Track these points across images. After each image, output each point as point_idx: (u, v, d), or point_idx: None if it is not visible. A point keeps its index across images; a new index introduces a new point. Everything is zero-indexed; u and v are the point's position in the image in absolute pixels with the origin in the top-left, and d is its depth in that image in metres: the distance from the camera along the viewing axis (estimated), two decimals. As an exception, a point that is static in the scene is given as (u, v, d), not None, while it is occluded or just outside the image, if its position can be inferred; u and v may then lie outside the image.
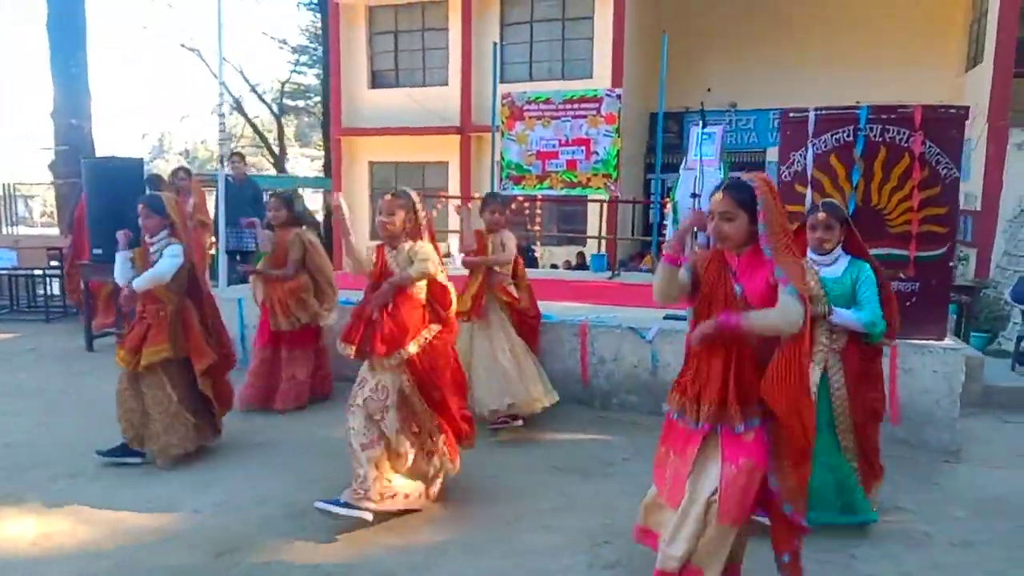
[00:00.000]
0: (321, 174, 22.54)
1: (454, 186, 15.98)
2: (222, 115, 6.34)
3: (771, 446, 2.61)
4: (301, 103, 29.14)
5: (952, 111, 4.75)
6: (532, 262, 13.86)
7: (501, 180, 8.79)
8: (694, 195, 7.51)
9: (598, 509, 3.77)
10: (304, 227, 5.40)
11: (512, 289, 5.16)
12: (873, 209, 4.85)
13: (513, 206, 13.23)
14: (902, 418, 4.78)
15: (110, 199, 6.83)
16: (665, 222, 8.33)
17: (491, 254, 5.06)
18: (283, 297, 5.21)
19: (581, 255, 14.95)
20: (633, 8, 15.18)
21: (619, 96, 8.28)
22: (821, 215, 3.58)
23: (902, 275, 4.84)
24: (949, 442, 4.73)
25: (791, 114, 5.09)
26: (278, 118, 25.12)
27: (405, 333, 3.62)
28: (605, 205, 12.18)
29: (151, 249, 4.19)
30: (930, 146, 4.71)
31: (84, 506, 3.76)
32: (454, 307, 3.87)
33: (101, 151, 15.71)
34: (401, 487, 3.63)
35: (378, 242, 3.84)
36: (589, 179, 8.34)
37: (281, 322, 5.22)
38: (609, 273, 9.14)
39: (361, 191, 16.84)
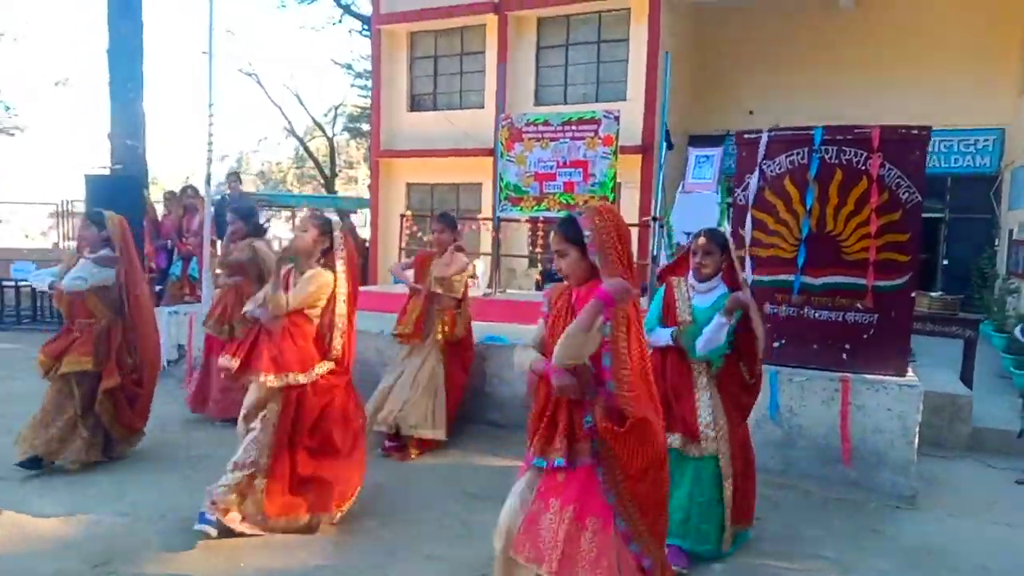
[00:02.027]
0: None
1: (487, 207, 16.00)
2: (211, 136, 6.53)
3: (610, 490, 2.46)
4: (366, 126, 29.80)
5: (914, 132, 4.47)
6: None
7: (500, 201, 8.74)
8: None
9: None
10: (261, 238, 5.49)
11: (456, 317, 5.14)
12: (828, 235, 4.62)
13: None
14: (853, 459, 4.48)
15: (107, 215, 7.12)
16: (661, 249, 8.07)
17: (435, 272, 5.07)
18: (232, 304, 5.31)
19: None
20: (669, 29, 14.98)
21: (617, 118, 8.12)
22: (701, 240, 3.52)
23: (859, 305, 4.57)
24: (903, 487, 4.38)
25: (745, 135, 4.90)
26: (330, 140, 25.86)
27: (295, 359, 3.61)
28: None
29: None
30: (890, 168, 4.46)
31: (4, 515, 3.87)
32: (338, 352, 3.77)
33: (180, 173, 16.41)
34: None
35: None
36: (586, 201, 8.19)
37: (220, 330, 5.34)
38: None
39: (398, 212, 17.05)
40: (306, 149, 26.37)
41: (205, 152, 6.59)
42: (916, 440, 4.40)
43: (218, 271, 5.50)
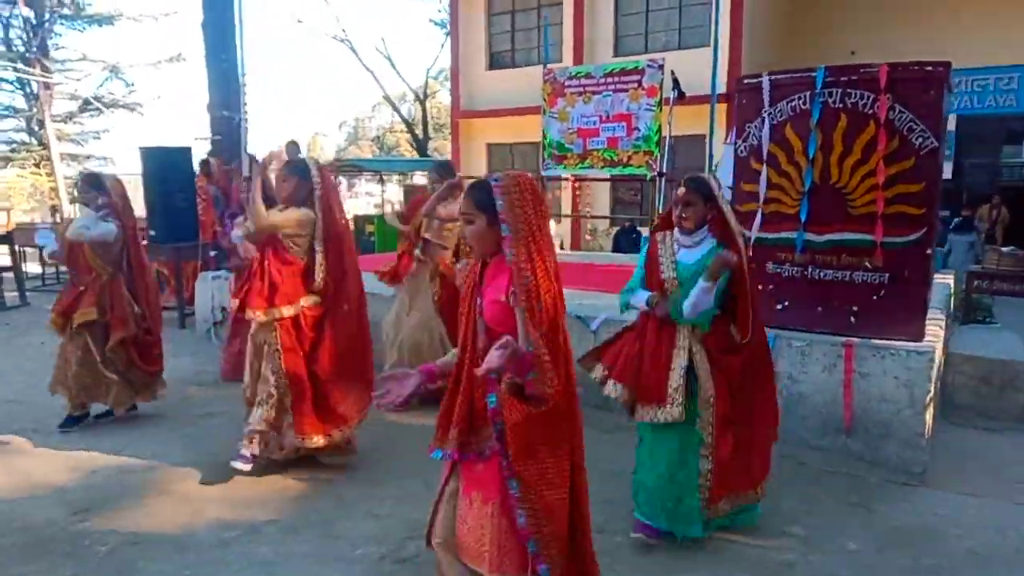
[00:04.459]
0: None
1: (566, 165, 15.76)
2: (245, 105, 6.75)
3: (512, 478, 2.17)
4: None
5: (928, 68, 3.97)
6: (634, 246, 13.27)
7: (544, 160, 8.58)
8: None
9: (443, 502, 3.66)
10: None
11: (455, 267, 5.12)
12: (832, 187, 4.24)
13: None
14: (858, 430, 4.15)
15: (162, 184, 7.56)
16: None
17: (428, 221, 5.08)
18: None
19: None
20: (755, -34, 14.05)
21: (661, 67, 7.73)
22: (681, 191, 3.24)
23: (867, 263, 4.18)
24: (911, 461, 4.02)
25: (745, 80, 4.53)
26: (421, 102, 26.12)
27: (277, 293, 3.87)
28: (652, 183, 11.22)
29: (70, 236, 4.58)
30: (900, 111, 4.01)
31: (18, 459, 4.26)
32: (319, 286, 3.96)
33: (297, 138, 17.23)
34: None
35: None
36: (630, 157, 7.89)
37: None
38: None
39: (479, 172, 17.13)
40: (398, 112, 26.87)
41: (242, 121, 6.80)
42: (928, 411, 4.02)
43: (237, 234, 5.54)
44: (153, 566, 3.11)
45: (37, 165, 21.44)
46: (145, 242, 7.93)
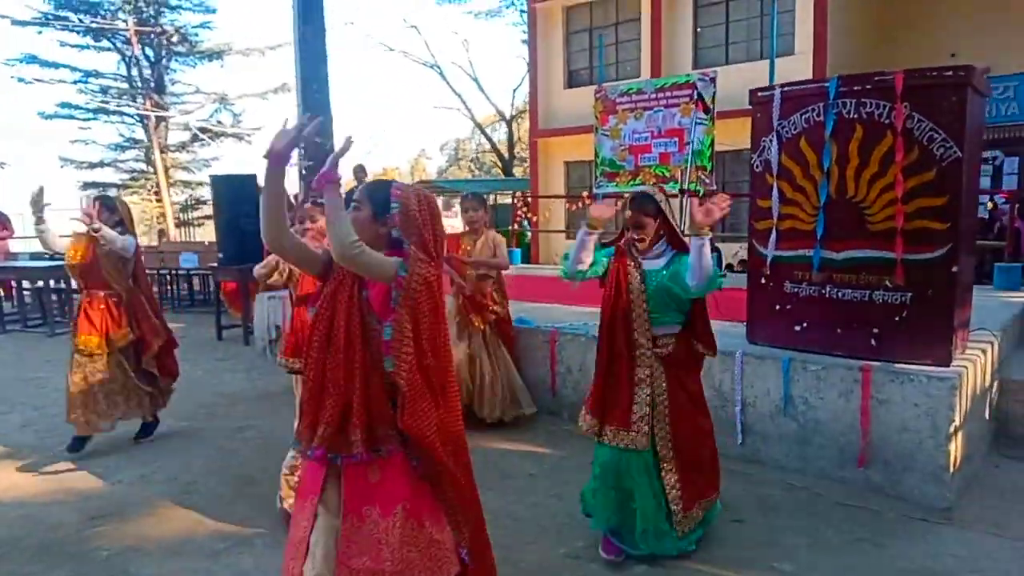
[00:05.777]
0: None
1: (644, 181, 15.54)
2: (301, 116, 7.08)
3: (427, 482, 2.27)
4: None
5: (948, 74, 3.70)
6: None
7: (596, 177, 8.52)
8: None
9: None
10: None
11: (494, 294, 5.09)
12: (849, 202, 4.02)
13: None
14: (878, 461, 3.88)
15: (230, 209, 8.01)
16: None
17: (478, 256, 5.01)
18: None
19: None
20: (840, -31, 13.48)
21: (713, 80, 7.54)
22: (628, 212, 3.20)
23: (887, 282, 3.92)
24: (935, 496, 3.71)
25: (759, 93, 4.36)
26: (508, 124, 26.45)
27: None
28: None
29: (101, 242, 4.62)
30: (919, 120, 3.76)
31: (58, 468, 4.58)
32: None
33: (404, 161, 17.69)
34: None
35: None
36: (683, 171, 7.73)
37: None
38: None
39: (557, 191, 17.18)
40: (484, 133, 27.35)
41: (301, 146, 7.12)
42: (955, 442, 3.70)
43: None
44: (145, 571, 3.28)
45: (151, 192, 23.16)
46: (215, 264, 8.51)
